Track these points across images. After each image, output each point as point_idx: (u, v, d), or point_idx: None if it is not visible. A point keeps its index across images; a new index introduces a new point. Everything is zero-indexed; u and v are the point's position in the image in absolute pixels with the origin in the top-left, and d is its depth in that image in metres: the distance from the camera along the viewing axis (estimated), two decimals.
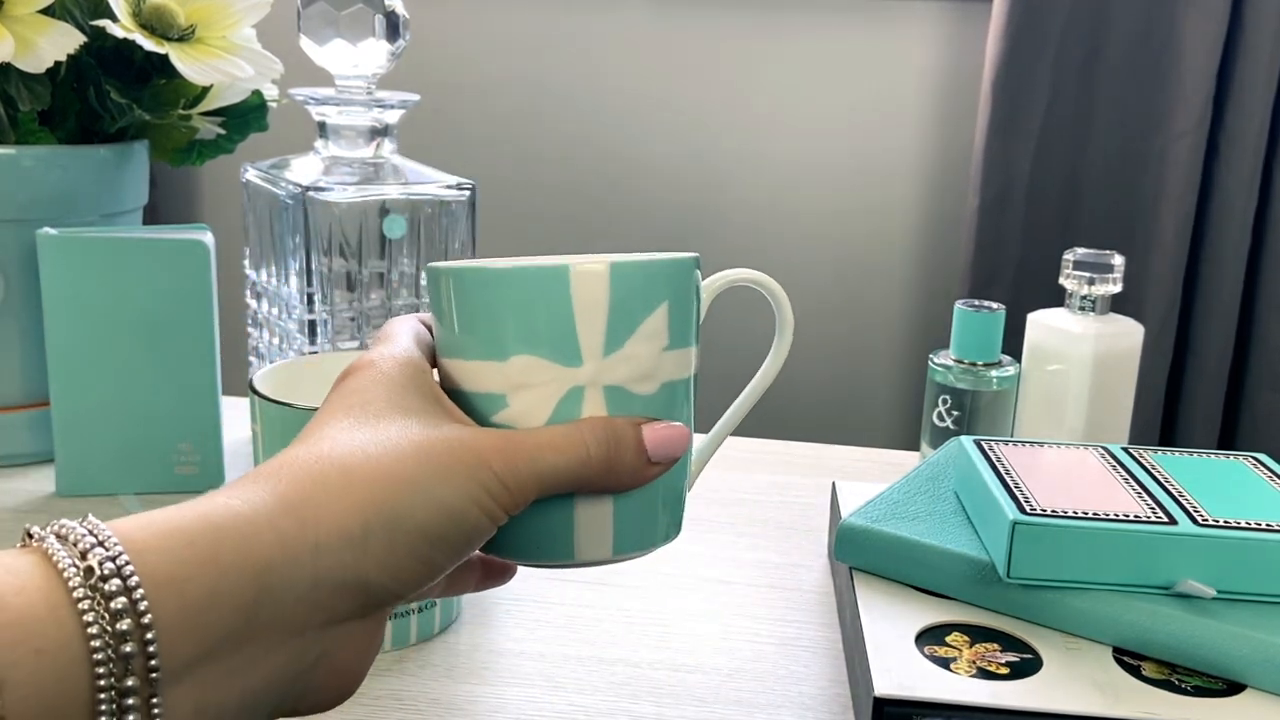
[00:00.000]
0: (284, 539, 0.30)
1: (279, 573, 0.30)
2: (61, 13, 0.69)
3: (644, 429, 0.37)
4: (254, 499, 0.31)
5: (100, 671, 0.27)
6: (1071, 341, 0.70)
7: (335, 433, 0.33)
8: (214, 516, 0.30)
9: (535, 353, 0.37)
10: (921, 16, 1.44)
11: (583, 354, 0.37)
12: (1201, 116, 1.30)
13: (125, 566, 0.28)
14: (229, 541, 0.29)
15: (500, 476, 0.34)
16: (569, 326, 0.36)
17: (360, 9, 0.69)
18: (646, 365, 0.38)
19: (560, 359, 0.37)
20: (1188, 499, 0.52)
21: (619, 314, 0.37)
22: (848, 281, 1.52)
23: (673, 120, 1.49)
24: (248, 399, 0.54)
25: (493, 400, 0.37)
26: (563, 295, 0.36)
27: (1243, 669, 0.46)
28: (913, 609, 0.52)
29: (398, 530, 0.32)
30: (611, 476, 0.36)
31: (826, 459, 0.82)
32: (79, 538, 0.28)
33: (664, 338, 0.38)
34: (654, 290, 0.38)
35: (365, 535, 0.31)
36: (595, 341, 0.37)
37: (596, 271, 0.36)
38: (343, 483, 0.32)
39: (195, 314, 0.68)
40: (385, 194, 0.71)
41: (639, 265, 0.37)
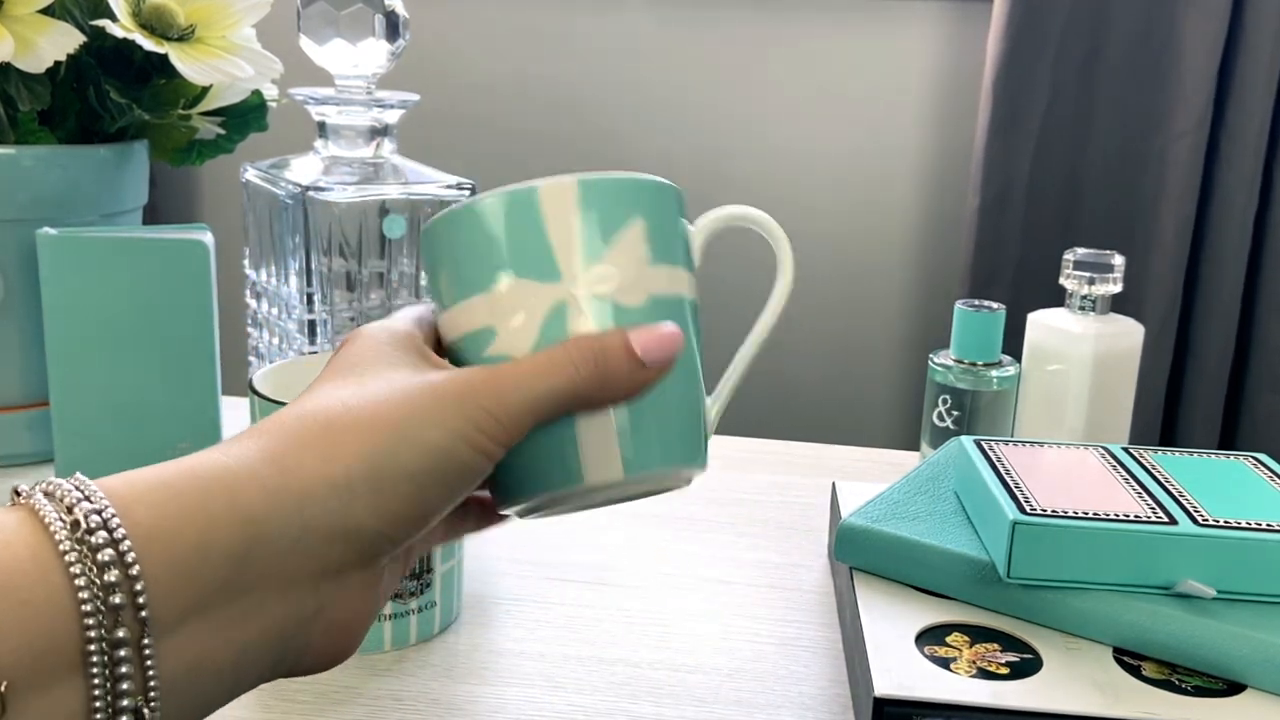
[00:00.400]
0: (269, 489, 0.30)
1: (268, 522, 0.30)
2: (61, 13, 0.69)
3: (630, 333, 0.36)
4: (239, 453, 0.31)
5: (89, 623, 0.27)
6: (1072, 341, 0.70)
7: (321, 392, 0.34)
8: (200, 470, 0.30)
9: (516, 273, 0.36)
10: (922, 16, 1.44)
11: (560, 268, 0.36)
12: (1202, 116, 1.30)
13: (112, 519, 0.28)
14: (216, 493, 0.29)
15: (488, 409, 0.33)
16: (544, 243, 0.36)
17: (360, 9, 0.69)
18: (629, 275, 0.37)
19: (541, 276, 0.36)
20: (1188, 499, 0.52)
21: (592, 226, 0.37)
22: (848, 281, 1.52)
23: (673, 120, 1.49)
24: (248, 399, 0.54)
25: (483, 336, 0.37)
26: (533, 215, 0.37)
27: (1243, 669, 0.46)
28: (913, 609, 0.52)
29: (383, 474, 0.31)
30: (605, 387, 0.35)
31: (826, 459, 0.82)
32: (65, 493, 0.28)
33: (644, 250, 0.37)
34: (625, 204, 0.37)
35: (349, 481, 0.31)
36: (572, 254, 0.36)
37: (564, 185, 0.37)
38: (325, 433, 0.32)
39: (195, 314, 0.68)
40: (385, 194, 0.71)
41: (607, 179, 0.37)
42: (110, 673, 0.27)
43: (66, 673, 0.27)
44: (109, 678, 0.27)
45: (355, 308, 0.72)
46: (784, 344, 1.52)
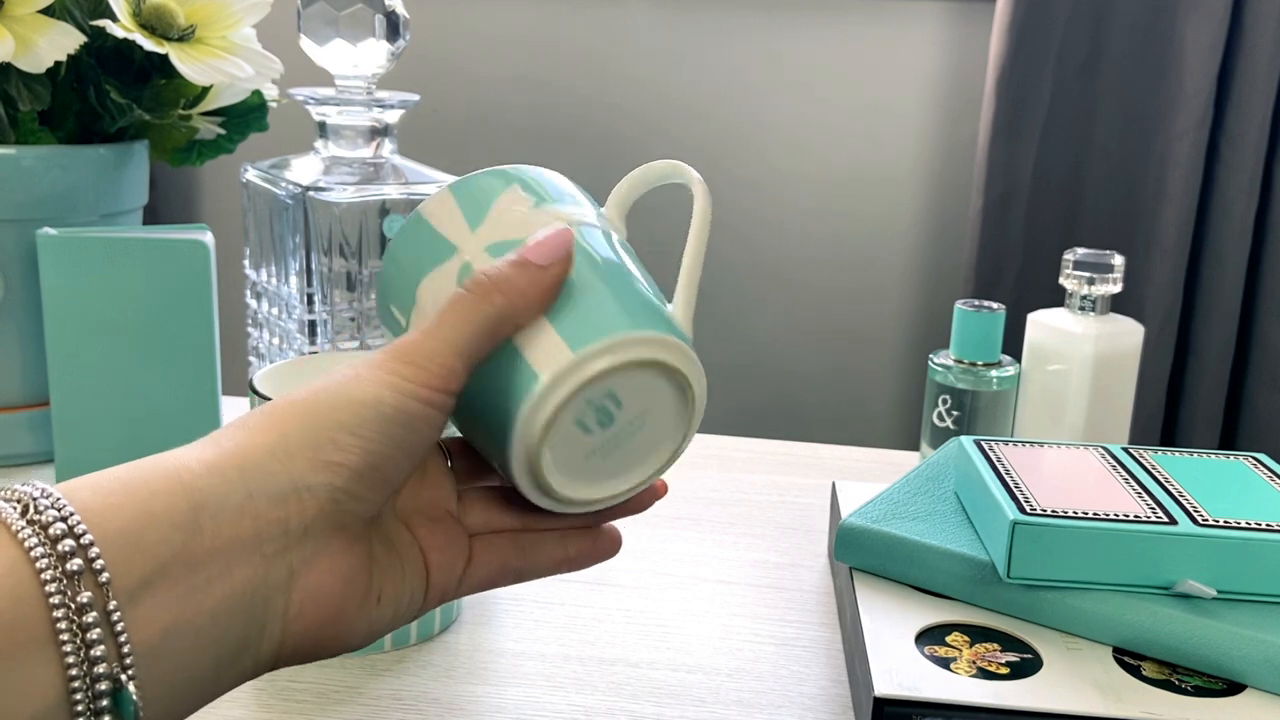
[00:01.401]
0: (209, 463, 0.32)
1: (211, 490, 0.31)
2: (61, 13, 0.69)
3: (519, 250, 0.36)
4: (199, 449, 0.33)
5: (51, 589, 0.28)
6: (1072, 341, 0.70)
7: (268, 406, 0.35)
8: (142, 462, 0.32)
9: (425, 272, 0.39)
10: (924, 17, 1.44)
11: (454, 243, 0.39)
12: (1202, 116, 1.30)
13: (59, 500, 0.29)
14: (156, 473, 0.31)
15: (407, 358, 0.34)
16: (435, 236, 0.39)
17: (360, 9, 0.69)
18: (516, 222, 0.38)
19: (441, 258, 0.39)
20: (1188, 499, 0.52)
21: (470, 205, 0.39)
22: (849, 281, 1.52)
23: (673, 121, 1.49)
24: (248, 399, 0.54)
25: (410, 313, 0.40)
26: (423, 225, 0.39)
27: (1243, 669, 0.46)
28: (913, 609, 0.52)
29: (318, 431, 0.33)
30: (517, 300, 0.35)
31: (826, 459, 0.82)
32: (14, 490, 0.30)
33: (526, 201, 0.39)
34: (496, 181, 0.40)
35: (286, 444, 0.32)
36: (459, 230, 0.39)
37: (440, 193, 0.40)
38: (263, 415, 0.34)
39: (195, 314, 0.68)
40: (385, 194, 0.71)
41: (474, 174, 0.40)
42: (81, 639, 0.28)
43: (37, 646, 0.27)
44: (80, 644, 0.28)
45: (355, 308, 0.72)
46: (785, 344, 1.52)
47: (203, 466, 0.32)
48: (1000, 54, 1.33)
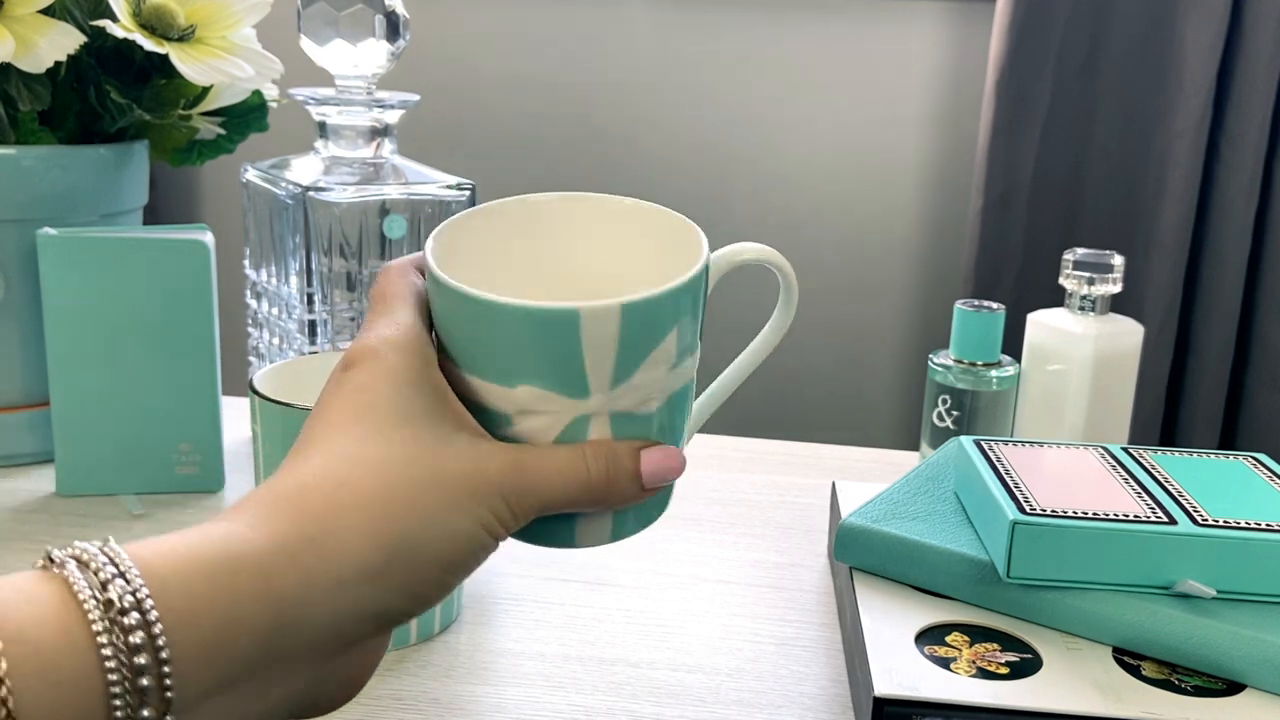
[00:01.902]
0: (306, 573, 0.30)
1: (299, 607, 0.30)
2: (61, 13, 0.69)
3: (643, 457, 0.37)
4: (275, 530, 0.31)
5: (117, 704, 0.27)
6: (1071, 341, 0.70)
7: (347, 447, 0.33)
8: (233, 547, 0.30)
9: (543, 385, 0.36)
10: (925, 16, 1.44)
11: (590, 388, 0.36)
12: (1202, 116, 1.30)
13: (145, 600, 0.28)
14: (247, 574, 0.30)
15: (508, 502, 0.35)
16: (578, 364, 0.36)
17: (360, 9, 0.69)
18: (654, 388, 0.37)
19: (568, 393, 0.36)
20: (1188, 499, 0.52)
21: (628, 349, 0.36)
22: (849, 282, 1.52)
23: (674, 121, 1.49)
24: (248, 399, 0.54)
25: (498, 418, 0.37)
26: (572, 336, 0.35)
27: (1243, 669, 0.46)
28: (913, 609, 0.52)
29: (416, 561, 0.32)
30: (608, 500, 0.37)
31: (826, 459, 0.82)
32: (100, 566, 0.28)
33: (671, 359, 0.37)
34: (665, 320, 0.37)
35: (386, 568, 0.32)
36: (604, 377, 0.36)
37: (608, 311, 0.35)
38: (361, 515, 0.32)
39: (195, 314, 0.68)
40: (385, 194, 0.71)
41: (651, 301, 0.36)
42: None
43: None
44: None
45: (355, 308, 0.72)
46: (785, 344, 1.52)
47: (299, 575, 0.30)
48: (1000, 54, 1.33)
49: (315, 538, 0.31)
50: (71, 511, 0.67)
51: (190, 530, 0.30)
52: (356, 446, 0.33)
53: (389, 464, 0.33)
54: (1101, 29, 1.33)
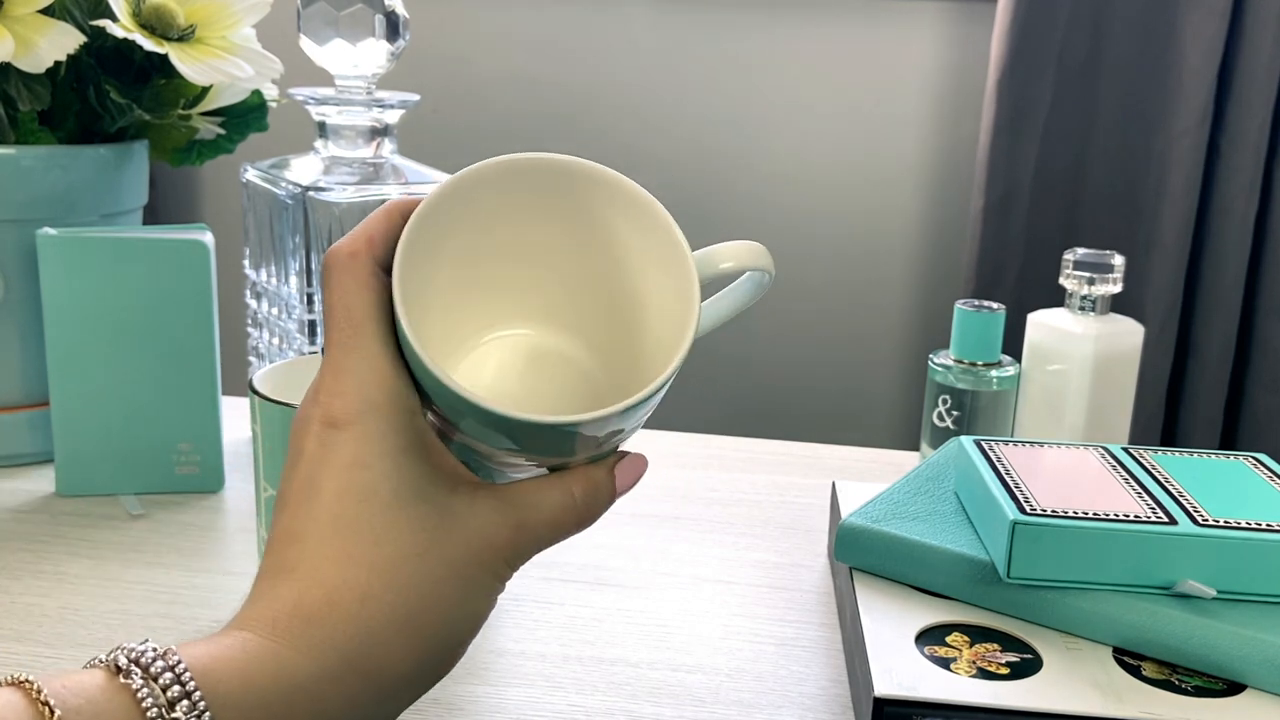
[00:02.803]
0: (352, 698, 0.32)
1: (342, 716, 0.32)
2: (61, 13, 0.69)
3: (616, 472, 0.39)
4: (315, 654, 0.32)
5: None
6: (1072, 341, 0.70)
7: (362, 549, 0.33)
8: (284, 675, 0.31)
9: (528, 454, 0.38)
10: (925, 16, 1.44)
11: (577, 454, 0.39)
12: (1202, 116, 1.30)
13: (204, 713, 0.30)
14: (300, 704, 0.31)
15: (511, 564, 0.37)
16: (568, 448, 0.38)
17: (360, 9, 0.69)
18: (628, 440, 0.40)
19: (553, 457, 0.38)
20: (1188, 499, 0.52)
21: (613, 436, 0.38)
22: (850, 282, 1.52)
23: (675, 120, 1.49)
24: (248, 399, 0.54)
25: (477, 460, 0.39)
26: (566, 438, 0.37)
27: (1243, 669, 0.46)
28: (913, 609, 0.52)
29: (445, 655, 0.35)
30: (591, 522, 0.39)
31: (826, 459, 0.82)
32: (168, 683, 0.30)
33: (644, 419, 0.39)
34: (646, 411, 0.38)
35: (419, 670, 0.34)
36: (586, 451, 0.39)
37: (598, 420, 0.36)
38: (391, 631, 0.33)
39: (195, 314, 0.68)
40: (385, 194, 0.71)
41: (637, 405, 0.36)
42: None
43: None
44: None
45: None
46: (785, 343, 1.52)
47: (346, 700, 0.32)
48: (1001, 54, 1.33)
49: (355, 661, 0.32)
50: (71, 511, 0.67)
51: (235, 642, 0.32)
52: (370, 549, 0.33)
53: (405, 565, 0.33)
54: (1102, 29, 1.33)
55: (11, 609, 0.56)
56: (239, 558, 0.63)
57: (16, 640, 0.53)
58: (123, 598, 0.58)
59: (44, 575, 0.60)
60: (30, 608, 0.56)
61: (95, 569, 0.60)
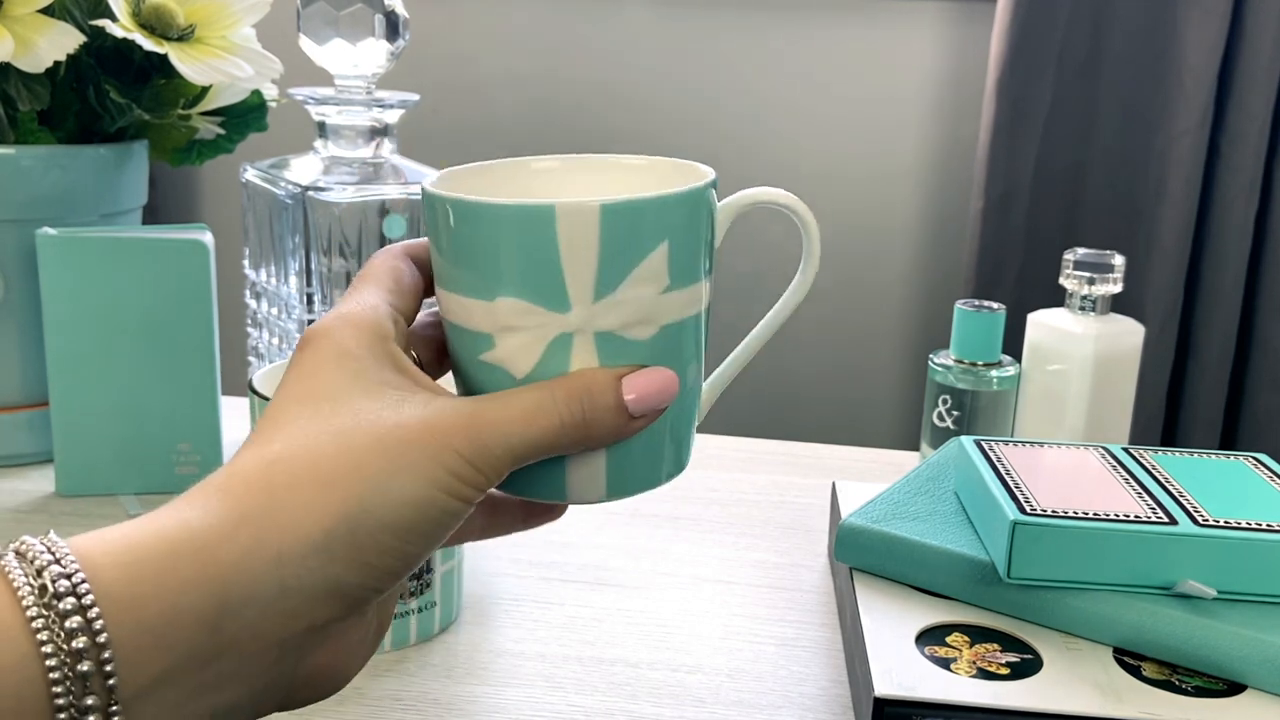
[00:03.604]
0: (243, 551, 0.29)
1: (241, 586, 0.29)
2: (61, 12, 0.69)
3: (624, 383, 0.34)
4: (210, 511, 0.30)
5: (58, 690, 0.26)
6: (1072, 341, 0.70)
7: (289, 429, 0.32)
8: (169, 532, 0.29)
9: (521, 296, 0.34)
10: (924, 17, 1.44)
11: (571, 300, 0.34)
12: (1202, 116, 1.30)
13: (81, 585, 0.27)
14: (186, 557, 0.29)
15: (466, 457, 0.32)
16: (555, 270, 0.33)
17: (360, 9, 0.69)
18: (643, 309, 0.35)
19: (547, 304, 0.34)
20: (1188, 499, 0.52)
21: (610, 257, 0.34)
22: (850, 281, 1.52)
23: (675, 120, 1.49)
24: (247, 399, 0.54)
25: (480, 339, 0.35)
26: (548, 237, 0.33)
27: (1243, 669, 0.46)
28: (913, 609, 0.52)
29: (360, 530, 0.30)
30: (590, 437, 0.34)
31: (826, 459, 0.82)
32: (36, 554, 0.28)
33: (664, 279, 0.35)
34: (652, 229, 0.34)
35: (328, 539, 0.30)
36: (584, 287, 0.34)
37: (585, 210, 0.33)
38: (296, 489, 0.30)
39: (195, 314, 0.68)
40: (385, 194, 0.71)
41: (634, 204, 0.34)
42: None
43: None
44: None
45: None
46: (785, 344, 1.52)
47: (237, 553, 0.29)
48: (1001, 54, 1.33)
49: (251, 516, 0.30)
50: (71, 512, 0.67)
51: (137, 519, 0.30)
52: (298, 426, 0.32)
53: (325, 437, 0.31)
54: (1102, 29, 1.33)
55: None
56: None
57: None
58: None
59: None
60: None
61: None
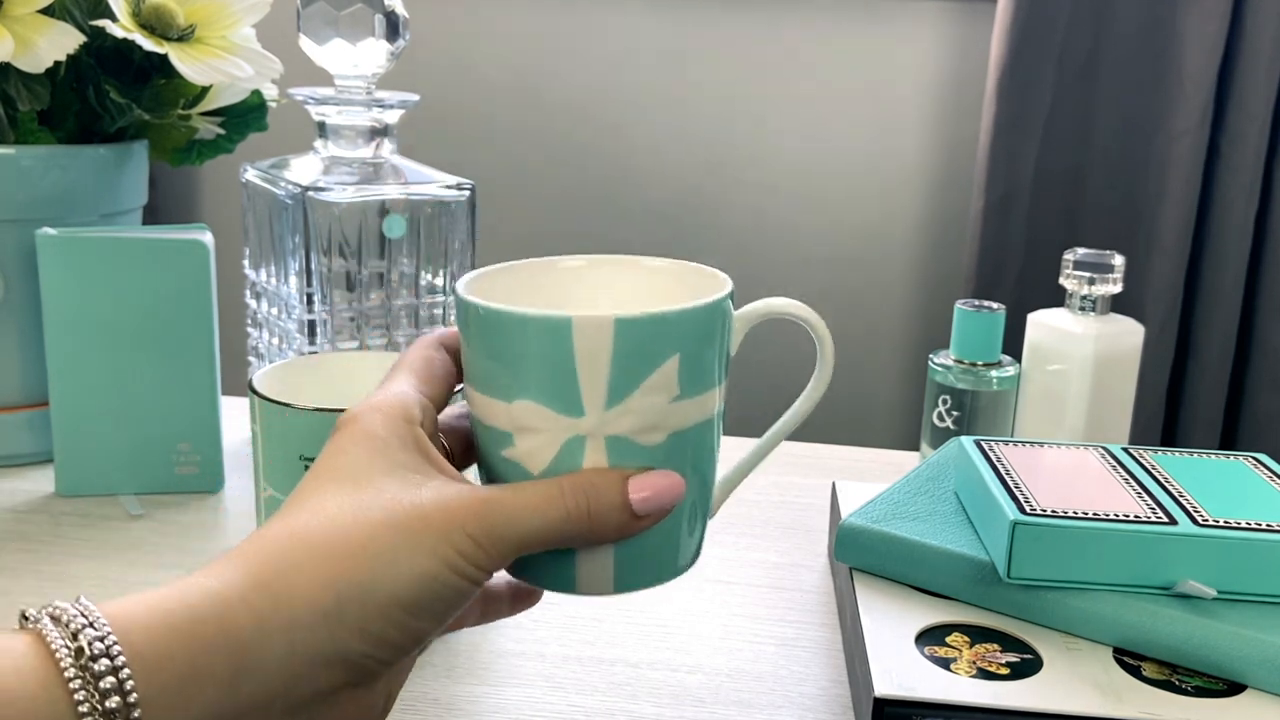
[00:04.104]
0: (258, 615, 0.31)
1: (256, 648, 0.31)
2: (61, 12, 0.69)
3: (631, 483, 0.36)
4: (228, 578, 0.32)
5: None
6: (1072, 341, 0.70)
7: (313, 504, 0.34)
8: (190, 596, 0.31)
9: (538, 400, 0.36)
10: (925, 16, 1.44)
11: (584, 405, 0.36)
12: (1202, 116, 1.30)
13: (113, 647, 0.29)
14: (206, 620, 0.31)
15: (475, 538, 0.34)
16: (571, 378, 0.36)
17: (360, 9, 0.69)
18: (653, 417, 0.37)
19: (562, 409, 0.36)
20: (1188, 499, 0.52)
21: (623, 368, 0.36)
22: (850, 282, 1.52)
23: (675, 120, 1.49)
24: (247, 399, 0.54)
25: (501, 435, 0.38)
26: (565, 347, 0.35)
27: (1243, 669, 0.46)
28: (913, 609, 0.52)
29: (370, 602, 0.32)
30: (595, 532, 0.36)
31: (826, 459, 0.82)
32: (70, 618, 0.30)
33: (674, 388, 0.37)
34: (663, 343, 0.36)
35: (339, 608, 0.32)
36: (598, 394, 0.36)
37: (600, 323, 0.35)
38: (313, 558, 0.32)
39: (195, 314, 0.68)
40: (385, 194, 0.71)
41: (647, 319, 0.36)
42: None
43: None
44: None
45: (355, 308, 0.72)
46: (784, 343, 1.52)
47: (252, 617, 0.31)
48: (1001, 54, 1.33)
49: (267, 582, 0.32)
50: (71, 512, 0.67)
51: (163, 586, 0.32)
52: (321, 502, 0.34)
53: (342, 512, 0.33)
54: (1102, 29, 1.33)
55: (11, 609, 0.56)
56: None
57: None
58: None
59: (44, 575, 0.60)
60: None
61: (95, 569, 0.60)
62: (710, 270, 0.42)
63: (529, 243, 1.50)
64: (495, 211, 1.42)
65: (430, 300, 0.74)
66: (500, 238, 1.47)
